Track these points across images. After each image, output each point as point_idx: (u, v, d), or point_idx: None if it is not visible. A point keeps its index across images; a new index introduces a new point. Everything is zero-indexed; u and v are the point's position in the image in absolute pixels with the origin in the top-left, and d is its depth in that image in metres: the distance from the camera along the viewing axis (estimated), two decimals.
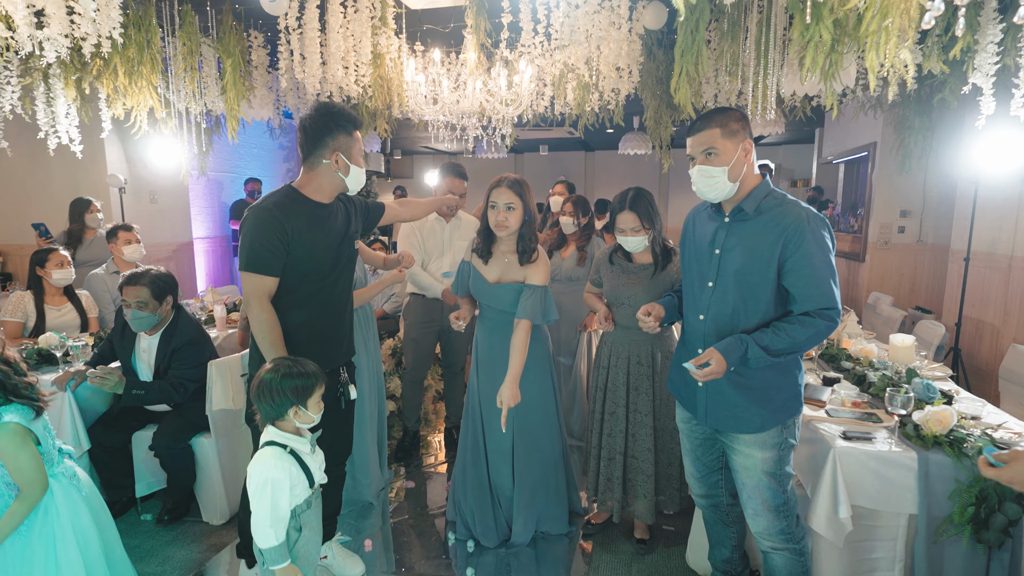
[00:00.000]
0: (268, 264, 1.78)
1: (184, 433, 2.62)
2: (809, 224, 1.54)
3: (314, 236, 1.86)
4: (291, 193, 1.87)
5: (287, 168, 7.78)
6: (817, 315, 1.54)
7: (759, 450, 1.66)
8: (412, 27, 3.84)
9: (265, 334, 1.79)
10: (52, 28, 2.45)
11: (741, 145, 1.59)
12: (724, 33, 2.79)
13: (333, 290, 1.97)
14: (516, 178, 2.23)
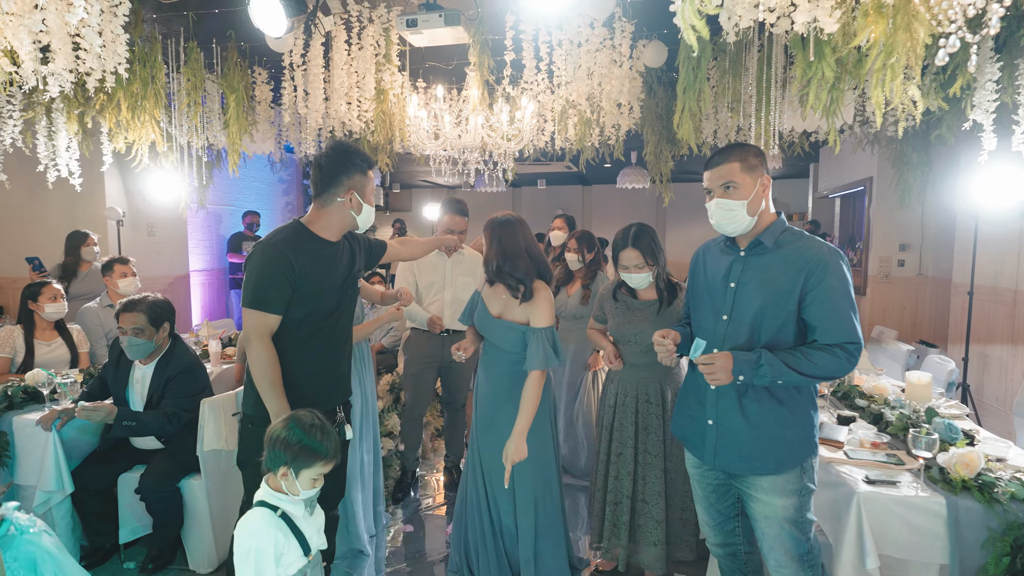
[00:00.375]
0: (273, 301, 1.74)
1: (173, 474, 2.51)
2: (831, 258, 1.54)
3: (320, 275, 1.82)
4: (300, 230, 1.85)
5: (286, 201, 7.81)
6: (842, 348, 1.50)
7: (779, 497, 1.58)
8: (415, 64, 3.90)
9: (265, 373, 1.74)
10: (57, 63, 2.45)
11: (760, 180, 1.60)
12: (725, 70, 2.82)
13: (334, 330, 1.92)
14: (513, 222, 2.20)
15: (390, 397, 3.99)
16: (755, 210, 1.61)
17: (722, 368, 1.54)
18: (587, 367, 3.35)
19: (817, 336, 1.53)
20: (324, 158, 1.84)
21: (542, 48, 3.06)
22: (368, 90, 3.24)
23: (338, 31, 3.14)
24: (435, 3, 2.88)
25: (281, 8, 2.70)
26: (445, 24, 2.81)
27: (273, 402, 1.75)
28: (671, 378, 2.35)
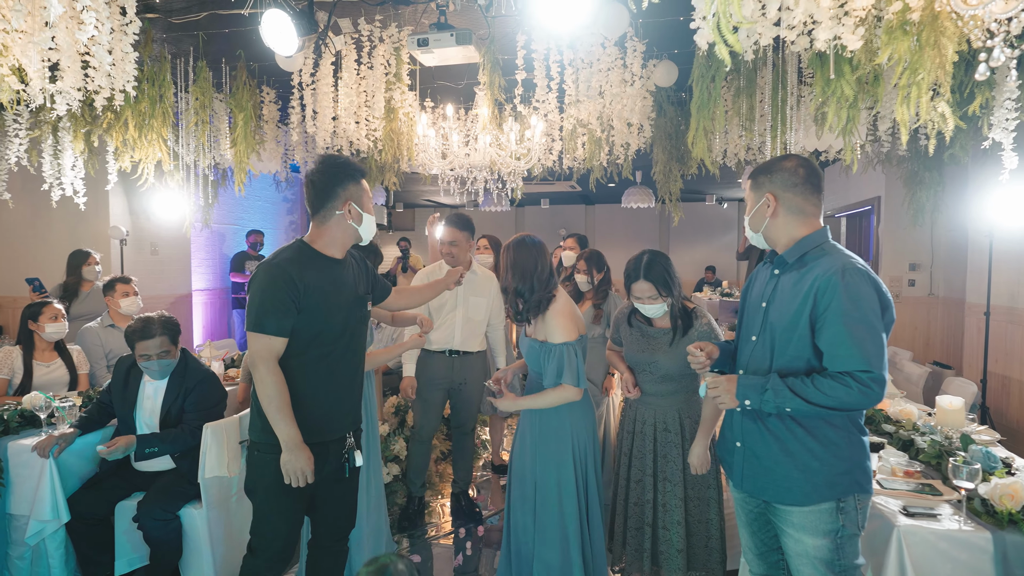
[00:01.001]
0: (278, 324, 1.68)
1: (173, 501, 2.41)
2: (844, 278, 1.41)
3: (326, 293, 1.77)
4: (303, 248, 1.80)
5: (290, 220, 7.79)
6: (853, 376, 1.37)
7: (809, 535, 1.48)
8: (424, 83, 3.90)
9: (273, 399, 1.67)
10: (66, 81, 2.43)
11: (763, 197, 1.58)
12: (740, 89, 2.80)
13: (344, 353, 1.85)
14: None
15: (395, 420, 3.90)
16: (757, 226, 1.60)
17: (726, 391, 1.50)
18: (604, 391, 3.25)
19: (827, 363, 1.43)
20: (316, 174, 1.80)
21: (553, 68, 3.05)
22: (377, 109, 3.22)
23: (348, 50, 3.13)
24: (446, 23, 2.87)
25: (292, 27, 2.69)
26: (457, 43, 2.80)
27: (283, 429, 1.68)
28: (689, 407, 2.27)
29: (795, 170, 1.55)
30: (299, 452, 1.68)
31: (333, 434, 1.84)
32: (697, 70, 2.69)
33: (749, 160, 4.30)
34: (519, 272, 2.05)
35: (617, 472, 2.38)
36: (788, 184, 1.55)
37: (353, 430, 1.93)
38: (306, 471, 1.69)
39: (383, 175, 4.27)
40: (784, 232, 1.56)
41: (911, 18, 1.70)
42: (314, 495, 1.86)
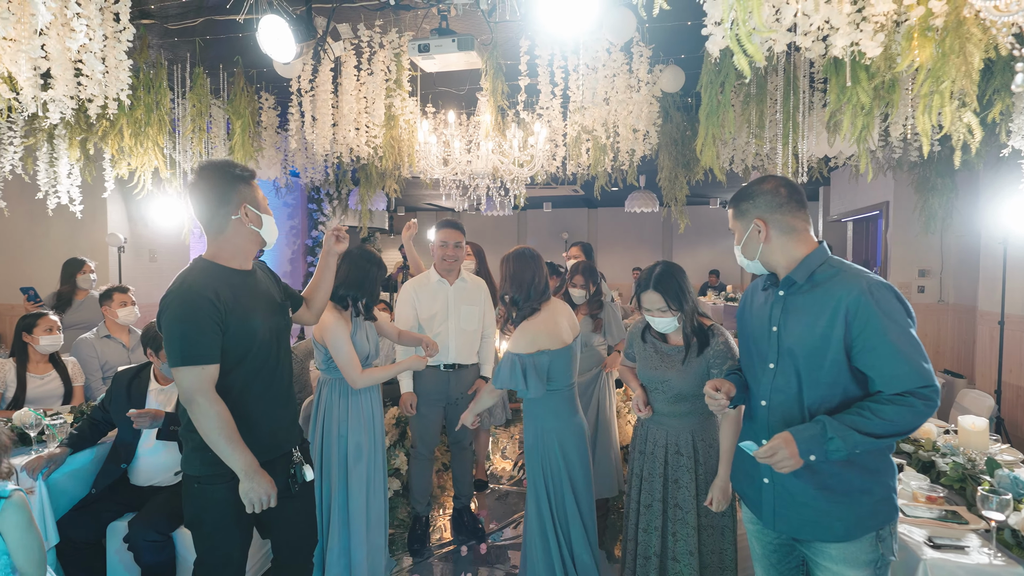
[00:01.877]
0: (207, 352, 1.58)
1: (168, 522, 2.33)
2: (873, 295, 1.34)
3: (246, 308, 1.68)
4: (207, 266, 1.68)
5: (291, 226, 7.73)
6: (915, 395, 1.30)
7: (849, 567, 1.40)
8: (425, 89, 3.83)
9: (221, 430, 1.57)
10: (57, 89, 2.36)
11: (752, 223, 1.51)
12: (750, 96, 2.72)
13: (276, 367, 1.77)
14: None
15: (396, 431, 3.82)
16: (752, 253, 1.53)
17: (786, 455, 1.34)
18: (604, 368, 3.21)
19: (881, 387, 1.35)
20: (200, 181, 1.67)
21: (557, 73, 2.98)
22: (377, 116, 3.15)
23: (348, 56, 3.06)
24: (448, 28, 2.80)
25: (290, 33, 2.62)
26: (458, 49, 2.73)
27: (238, 458, 1.59)
28: (703, 429, 2.17)
29: (776, 190, 1.49)
30: (259, 477, 1.61)
31: (278, 450, 1.77)
32: (706, 76, 2.61)
33: (756, 166, 4.22)
34: (517, 283, 2.16)
35: (628, 494, 2.29)
36: (774, 206, 1.48)
37: (298, 443, 1.85)
38: (270, 494, 1.63)
39: (383, 182, 4.21)
40: (782, 255, 1.49)
41: (934, 24, 1.62)
42: (266, 517, 1.77)
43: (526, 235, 12.29)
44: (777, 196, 1.48)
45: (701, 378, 2.08)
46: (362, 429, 2.39)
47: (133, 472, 2.50)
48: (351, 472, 2.35)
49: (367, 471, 2.38)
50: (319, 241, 7.90)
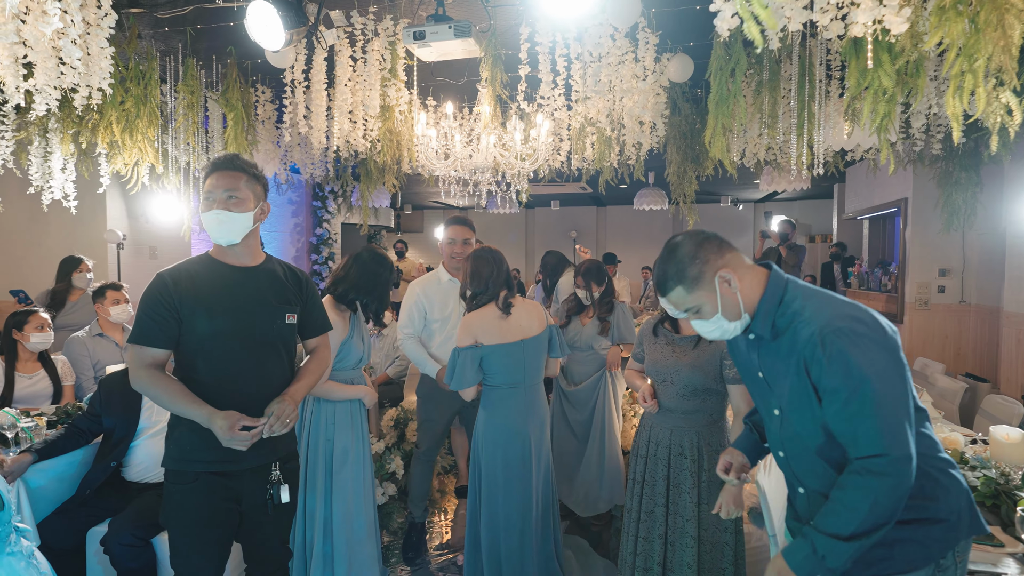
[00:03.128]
0: (147, 334, 1.60)
1: (147, 526, 2.23)
2: (825, 343, 1.13)
3: (212, 301, 1.63)
4: (198, 257, 1.74)
5: (295, 223, 7.67)
6: (859, 469, 1.11)
7: None
8: (424, 81, 3.71)
9: (164, 398, 1.58)
10: (39, 78, 2.28)
11: (715, 284, 1.26)
12: (762, 83, 2.57)
13: (252, 369, 1.67)
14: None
15: (394, 433, 3.71)
16: (734, 312, 1.26)
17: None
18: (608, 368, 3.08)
19: (848, 451, 1.15)
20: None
21: (559, 62, 2.84)
22: (373, 107, 3.03)
23: (341, 45, 2.95)
24: (444, 14, 2.68)
25: (279, 20, 2.52)
26: (455, 36, 2.61)
27: (193, 412, 1.56)
28: (711, 433, 2.05)
29: (705, 241, 1.28)
30: (216, 419, 1.54)
31: (248, 462, 1.66)
32: (715, 63, 2.47)
33: (769, 160, 4.06)
34: (476, 279, 2.21)
35: (629, 504, 2.17)
36: (719, 252, 1.27)
37: (279, 459, 1.73)
38: (238, 437, 1.53)
39: (383, 177, 4.10)
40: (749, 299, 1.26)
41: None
42: (240, 527, 1.72)
43: (534, 233, 12.16)
44: (712, 242, 1.28)
45: (714, 369, 1.99)
46: (348, 432, 2.27)
47: (127, 466, 2.41)
48: (335, 478, 2.24)
49: (352, 477, 2.27)
50: (323, 239, 7.83)
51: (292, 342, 1.81)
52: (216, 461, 1.63)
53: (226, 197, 1.65)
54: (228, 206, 1.65)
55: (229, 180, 1.66)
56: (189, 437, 1.62)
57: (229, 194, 1.65)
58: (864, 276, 6.60)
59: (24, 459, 2.17)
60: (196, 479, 1.63)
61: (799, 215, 10.50)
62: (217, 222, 1.65)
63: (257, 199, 1.72)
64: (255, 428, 1.56)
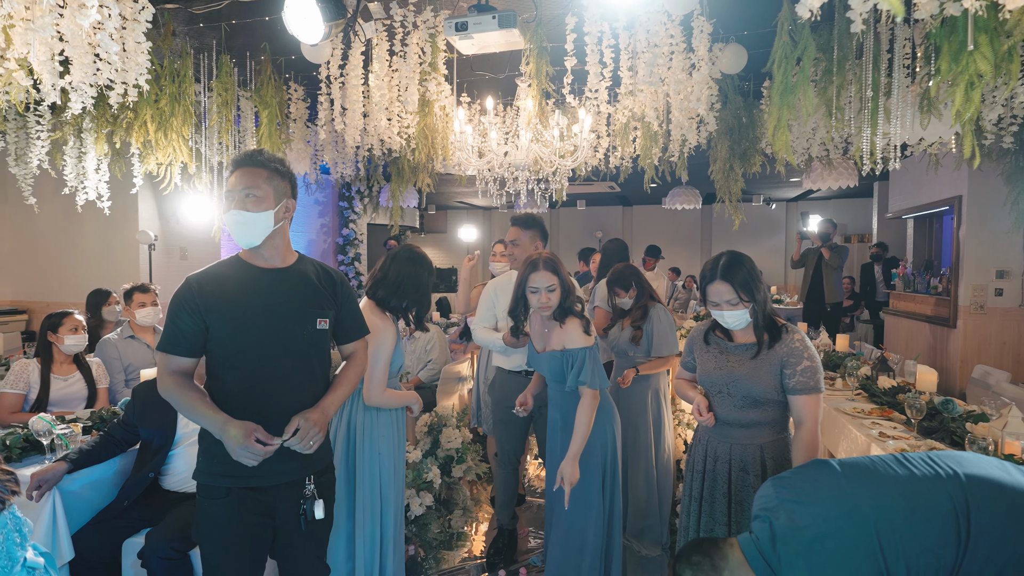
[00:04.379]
0: (172, 342, 1.55)
1: (186, 538, 2.16)
2: None
3: (239, 306, 1.55)
4: (229, 260, 1.66)
5: (321, 224, 7.64)
6: None
7: None
8: (461, 77, 3.60)
9: (188, 406, 1.50)
10: (75, 75, 2.21)
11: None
12: (831, 71, 2.40)
13: (283, 377, 1.58)
14: (550, 257, 2.19)
15: (428, 440, 3.60)
16: None
17: None
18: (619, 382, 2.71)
19: None
20: None
21: (607, 53, 2.70)
22: (411, 103, 2.92)
23: (379, 38, 2.85)
24: (487, 4, 2.56)
25: (318, 12, 2.42)
26: (499, 27, 2.49)
27: (207, 419, 1.48)
28: (774, 445, 1.89)
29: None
30: (229, 428, 1.43)
31: (280, 477, 1.57)
32: (780, 51, 2.30)
33: (820, 156, 3.86)
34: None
35: (685, 522, 2.02)
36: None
37: (314, 473, 1.64)
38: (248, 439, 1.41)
39: (416, 176, 4.00)
40: None
41: None
42: (273, 544, 1.65)
43: (559, 233, 12.01)
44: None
45: (774, 378, 1.83)
46: (387, 441, 2.15)
47: (165, 475, 2.35)
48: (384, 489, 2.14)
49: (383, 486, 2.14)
50: (349, 239, 7.79)
51: (325, 349, 1.70)
52: (248, 476, 1.53)
53: (244, 195, 1.55)
54: (246, 205, 1.55)
55: (249, 177, 1.56)
56: (221, 450, 1.51)
57: (247, 192, 1.55)
58: (910, 278, 6.31)
59: (59, 468, 2.10)
60: (228, 494, 1.56)
61: (834, 214, 10.16)
62: (235, 223, 1.56)
63: (279, 196, 1.60)
64: (269, 445, 1.44)
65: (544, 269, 2.14)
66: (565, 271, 2.21)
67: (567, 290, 2.16)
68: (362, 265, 7.91)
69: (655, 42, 2.57)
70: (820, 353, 3.84)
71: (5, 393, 2.85)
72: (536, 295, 2.14)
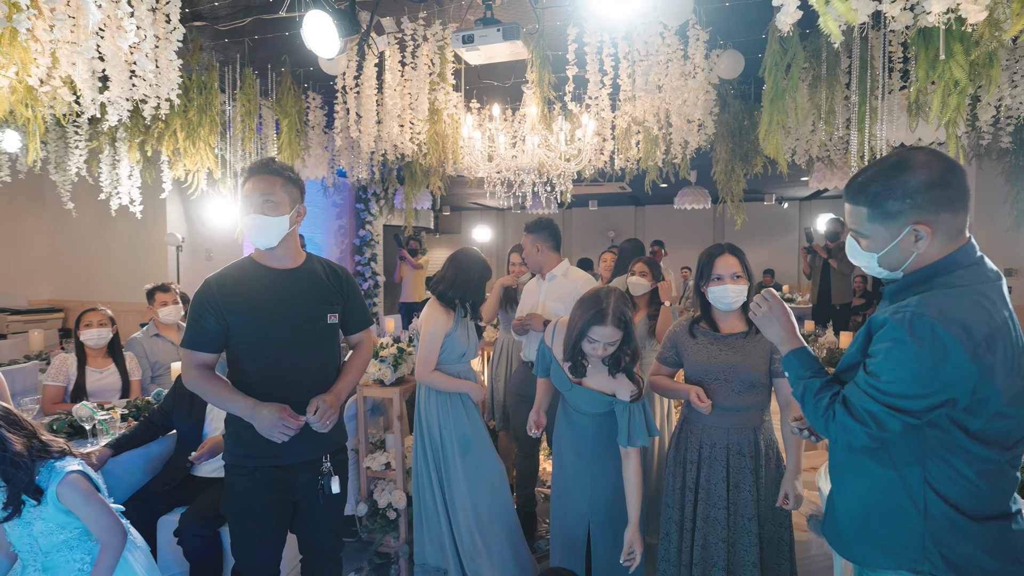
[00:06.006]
0: (195, 339, 1.68)
1: (215, 517, 2.35)
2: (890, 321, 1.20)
3: (257, 305, 1.69)
4: (243, 261, 1.79)
5: (339, 225, 7.86)
6: (841, 396, 1.24)
7: None
8: (470, 84, 3.76)
9: (212, 394, 1.66)
10: (113, 91, 2.42)
11: (901, 231, 1.15)
12: (819, 78, 2.50)
13: (298, 367, 1.74)
14: (619, 309, 1.89)
15: None
16: (895, 264, 1.22)
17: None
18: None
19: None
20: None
21: (607, 62, 2.83)
22: (421, 111, 3.09)
23: (391, 51, 3.02)
24: (492, 17, 2.70)
25: (334, 29, 2.59)
26: (504, 39, 2.63)
27: (237, 404, 1.63)
28: (766, 428, 2.01)
29: (934, 186, 1.10)
30: (259, 410, 1.60)
31: (300, 457, 1.74)
32: (770, 58, 2.41)
33: (821, 157, 3.93)
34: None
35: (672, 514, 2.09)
36: (935, 207, 1.12)
37: (330, 452, 1.81)
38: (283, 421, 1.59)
39: (428, 179, 4.17)
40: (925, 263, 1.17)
41: None
42: (294, 516, 1.82)
43: (571, 233, 12.11)
44: (938, 191, 1.10)
45: (765, 363, 1.95)
46: (465, 421, 2.44)
47: (197, 464, 2.54)
48: (454, 466, 2.43)
49: (477, 464, 2.43)
50: (366, 240, 8.00)
51: (335, 340, 1.88)
52: (272, 456, 1.71)
53: (262, 201, 1.69)
54: (264, 210, 1.69)
55: (265, 184, 1.70)
56: (249, 435, 1.68)
57: (265, 198, 1.69)
58: None
59: (105, 452, 2.32)
60: (255, 471, 1.72)
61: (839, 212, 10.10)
62: (254, 226, 1.69)
63: (293, 202, 1.75)
64: (296, 422, 1.62)
65: (611, 325, 1.85)
66: (633, 322, 1.97)
67: (629, 342, 1.95)
68: (378, 265, 8.10)
69: (651, 51, 2.70)
70: (823, 351, 3.93)
71: (48, 385, 3.08)
72: (594, 346, 1.91)
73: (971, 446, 1.11)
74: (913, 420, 1.10)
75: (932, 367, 1.06)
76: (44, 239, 5.67)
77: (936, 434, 1.12)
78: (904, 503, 1.16)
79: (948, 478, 1.13)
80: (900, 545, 1.17)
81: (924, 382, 1.07)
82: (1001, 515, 1.14)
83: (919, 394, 1.08)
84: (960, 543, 1.13)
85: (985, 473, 1.12)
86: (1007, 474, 1.14)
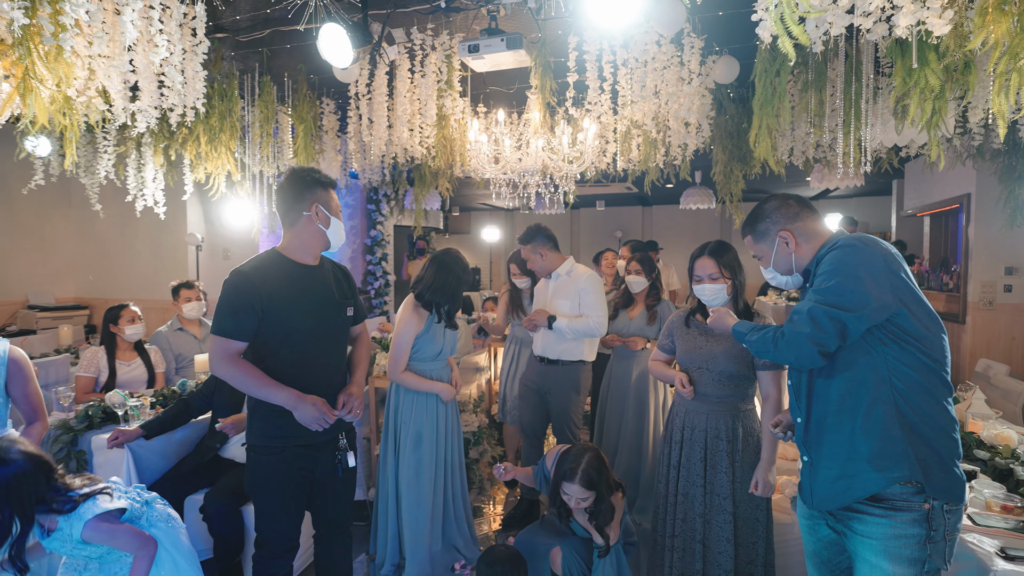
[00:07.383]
0: (235, 328, 1.77)
1: (238, 496, 2.52)
2: (826, 256, 1.53)
3: (292, 298, 1.83)
4: (272, 256, 1.89)
5: (351, 225, 8.04)
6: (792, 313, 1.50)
7: (888, 561, 1.32)
8: (476, 89, 3.91)
9: (250, 385, 1.77)
10: (143, 100, 2.60)
11: (775, 241, 1.59)
12: (808, 83, 2.62)
13: (320, 355, 1.90)
14: (591, 476, 2.07)
15: None
16: (786, 268, 1.62)
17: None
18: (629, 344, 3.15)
19: None
20: (285, 180, 1.92)
21: (606, 68, 2.96)
22: (430, 116, 3.25)
23: (402, 60, 3.18)
24: (497, 28, 2.85)
25: (348, 40, 2.75)
26: (507, 48, 2.78)
27: (278, 396, 1.76)
28: (745, 416, 2.15)
29: (783, 205, 1.59)
30: (303, 403, 1.76)
31: (323, 436, 1.89)
32: (760, 65, 2.53)
33: (818, 158, 4.03)
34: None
35: (663, 489, 2.27)
36: (792, 216, 1.57)
37: (345, 430, 1.98)
38: (323, 415, 1.76)
39: (436, 181, 4.32)
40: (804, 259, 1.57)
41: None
42: (312, 492, 1.96)
43: (579, 233, 12.22)
44: (789, 207, 1.58)
45: (747, 357, 2.10)
46: (423, 419, 2.51)
47: (226, 445, 2.72)
48: (402, 460, 2.48)
49: (418, 460, 2.49)
50: (377, 240, 8.17)
51: (349, 332, 2.08)
52: (298, 436, 1.86)
53: (341, 211, 1.95)
54: (342, 218, 1.94)
55: (337, 197, 1.96)
56: (278, 418, 1.83)
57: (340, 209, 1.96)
58: (925, 276, 6.35)
59: (136, 431, 2.49)
60: (283, 450, 1.87)
61: (855, 212, 10.13)
62: (343, 232, 1.93)
63: None
64: (332, 418, 1.80)
65: (579, 484, 2.02)
66: (611, 476, 2.12)
67: (602, 502, 2.07)
68: (389, 265, 8.28)
69: (648, 58, 2.83)
70: None
71: (80, 376, 3.27)
72: (567, 498, 2.09)
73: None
74: (848, 317, 1.33)
75: (864, 272, 1.36)
76: (71, 240, 5.91)
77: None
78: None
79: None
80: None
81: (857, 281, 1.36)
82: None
83: (853, 291, 1.35)
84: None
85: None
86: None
